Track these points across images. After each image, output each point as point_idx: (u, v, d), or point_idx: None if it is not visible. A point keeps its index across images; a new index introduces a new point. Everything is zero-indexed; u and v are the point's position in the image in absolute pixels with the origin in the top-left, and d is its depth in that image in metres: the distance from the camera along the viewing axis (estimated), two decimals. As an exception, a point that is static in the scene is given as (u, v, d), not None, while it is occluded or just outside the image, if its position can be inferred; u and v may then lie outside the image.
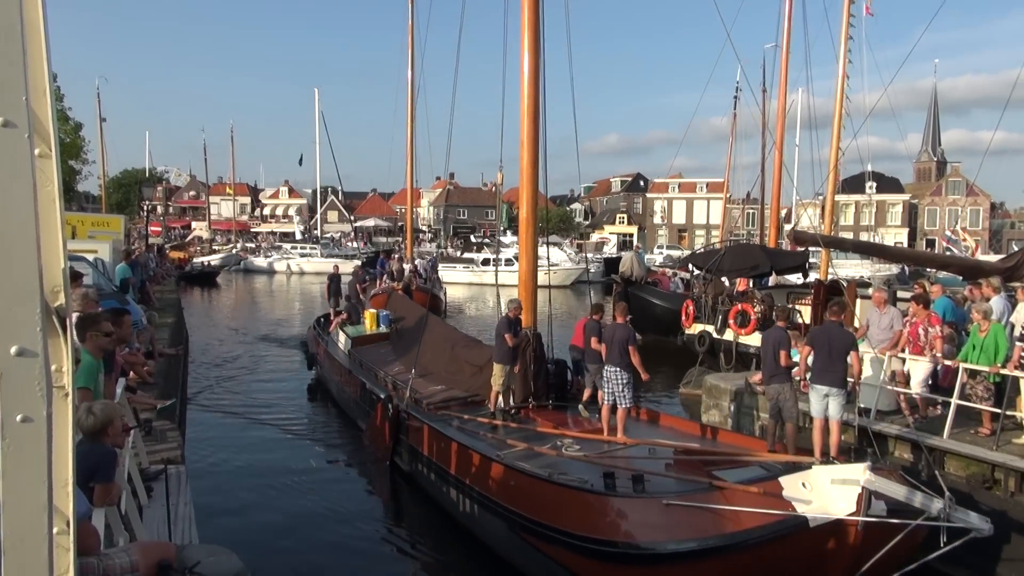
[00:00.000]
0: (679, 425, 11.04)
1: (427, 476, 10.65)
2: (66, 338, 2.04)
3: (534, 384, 11.69)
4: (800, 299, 19.36)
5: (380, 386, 13.40)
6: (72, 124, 42.10)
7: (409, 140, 24.24)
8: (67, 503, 2.05)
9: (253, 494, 11.25)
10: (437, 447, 10.29)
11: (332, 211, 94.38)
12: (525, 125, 11.33)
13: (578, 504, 7.56)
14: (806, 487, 6.94)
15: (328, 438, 14.50)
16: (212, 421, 15.17)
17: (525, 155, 11.36)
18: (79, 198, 63.87)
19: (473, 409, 11.60)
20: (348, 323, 18.54)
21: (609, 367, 9.94)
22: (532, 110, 11.28)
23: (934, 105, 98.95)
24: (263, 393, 17.80)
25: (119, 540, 4.46)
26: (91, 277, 14.08)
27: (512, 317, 11.41)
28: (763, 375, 9.50)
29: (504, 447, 9.47)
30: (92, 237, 23.39)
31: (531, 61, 11.22)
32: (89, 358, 5.65)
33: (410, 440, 11.23)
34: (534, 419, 11.11)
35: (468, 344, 14.56)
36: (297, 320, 32.09)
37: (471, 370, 12.96)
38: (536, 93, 11.26)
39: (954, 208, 76.08)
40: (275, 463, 12.60)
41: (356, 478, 12.72)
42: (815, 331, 9.45)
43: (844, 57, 23.12)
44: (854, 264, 41.14)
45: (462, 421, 10.90)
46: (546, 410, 11.60)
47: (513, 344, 11.08)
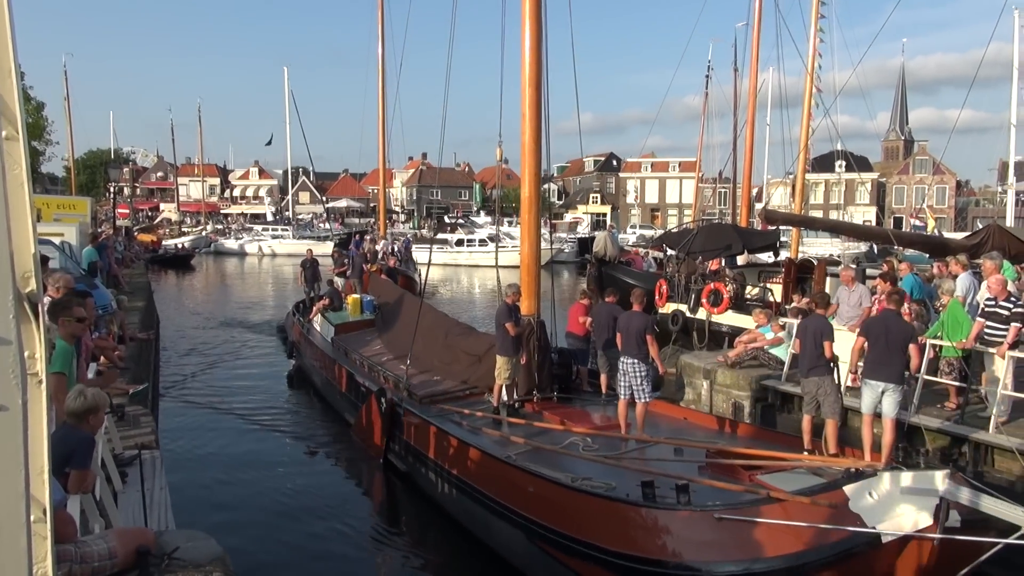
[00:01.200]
0: (694, 418, 10.33)
1: (427, 477, 9.91)
2: (39, 324, 2.01)
3: (538, 376, 10.89)
4: (771, 278, 19.60)
5: (371, 378, 12.67)
6: (35, 104, 41.17)
7: (381, 119, 24.02)
8: (43, 491, 2.03)
9: (232, 483, 10.88)
10: (439, 446, 9.53)
11: (304, 192, 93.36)
12: (526, 98, 10.58)
13: (614, 516, 6.81)
14: (874, 497, 6.27)
15: (311, 431, 13.79)
16: (186, 407, 14.89)
17: (527, 130, 10.62)
18: (43, 180, 62.55)
19: (472, 403, 10.92)
20: (330, 308, 17.81)
21: (626, 359, 9.23)
22: (534, 81, 10.55)
23: (902, 84, 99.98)
24: (240, 381, 17.27)
25: (94, 527, 4.42)
26: (58, 261, 13.85)
27: (511, 304, 10.55)
28: (801, 366, 8.72)
29: (513, 446, 8.80)
30: (58, 220, 23.00)
31: (532, 31, 10.49)
32: (63, 343, 5.58)
33: (407, 437, 10.48)
34: (540, 414, 10.39)
35: (462, 332, 13.81)
36: (271, 303, 31.83)
37: (467, 360, 12.24)
38: (538, 64, 10.55)
39: (921, 186, 77.21)
40: (255, 454, 12.18)
41: (344, 474, 12.04)
42: (870, 321, 8.67)
43: (815, 36, 23.29)
44: (824, 243, 41.65)
45: (463, 417, 10.20)
46: (551, 403, 10.85)
47: (516, 334, 10.32)
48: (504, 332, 10.30)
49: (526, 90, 10.60)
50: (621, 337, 9.38)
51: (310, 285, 20.41)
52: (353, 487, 11.65)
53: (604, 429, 9.52)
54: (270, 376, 17.96)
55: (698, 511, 6.52)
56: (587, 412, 10.60)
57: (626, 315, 9.61)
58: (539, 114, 10.63)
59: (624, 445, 8.90)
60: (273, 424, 14.03)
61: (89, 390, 4.65)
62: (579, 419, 10.14)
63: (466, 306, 30.70)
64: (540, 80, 10.62)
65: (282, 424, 14.16)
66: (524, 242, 11.23)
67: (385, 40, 23.56)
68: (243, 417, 14.27)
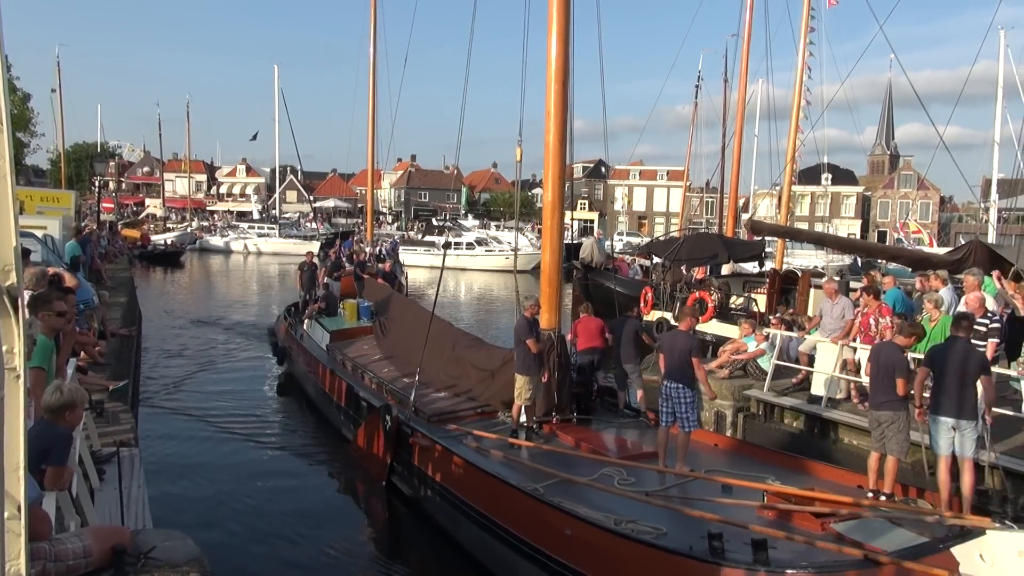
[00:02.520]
0: (725, 444, 9.44)
1: (438, 504, 9.03)
2: (18, 318, 1.99)
3: (558, 395, 10.12)
4: (756, 288, 19.72)
5: (373, 392, 11.88)
6: (20, 95, 40.76)
7: (371, 120, 23.97)
8: (18, 488, 2.01)
9: (215, 489, 10.49)
10: (452, 471, 8.66)
11: (291, 191, 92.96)
12: (551, 96, 9.92)
13: (673, 571, 5.91)
14: (985, 560, 5.59)
15: (303, 444, 12.99)
16: (167, 406, 14.65)
17: (551, 129, 9.97)
18: (27, 172, 61.94)
19: (485, 423, 10.13)
20: (324, 313, 16.91)
21: (670, 383, 8.38)
22: (560, 78, 9.91)
23: (888, 99, 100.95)
24: (225, 384, 16.63)
25: (70, 524, 4.37)
26: (40, 254, 13.71)
27: (531, 318, 9.81)
28: (872, 398, 7.87)
29: (537, 475, 7.95)
30: (41, 213, 22.73)
31: (560, 25, 9.86)
32: (43, 338, 5.51)
33: (414, 459, 9.61)
34: (561, 437, 9.60)
35: (471, 344, 12.85)
36: (259, 304, 31.60)
37: (478, 375, 11.35)
38: (565, 60, 9.92)
39: (905, 201, 77.91)
40: (240, 461, 11.73)
41: (341, 494, 11.23)
42: (936, 349, 7.87)
43: (804, 49, 23.48)
44: (808, 254, 41.93)
45: (477, 439, 9.32)
46: (571, 425, 10.09)
47: (538, 350, 9.57)
48: (524, 349, 9.55)
49: (551, 87, 9.95)
50: (664, 358, 8.56)
51: (307, 289, 19.60)
52: (351, 509, 10.87)
53: (638, 458, 8.64)
54: (257, 381, 17.36)
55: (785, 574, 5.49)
56: (611, 436, 9.79)
57: (670, 335, 8.89)
58: (564, 112, 9.99)
59: (663, 479, 8.06)
60: (260, 433, 13.42)
61: (67, 385, 4.60)
62: (605, 444, 9.34)
63: (452, 310, 30.67)
64: (567, 77, 9.99)
65: (270, 434, 13.53)
66: (546, 250, 10.52)
67: (377, 41, 23.53)
68: (228, 421, 13.72)
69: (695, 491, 7.56)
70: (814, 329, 12.10)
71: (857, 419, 10.19)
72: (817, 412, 10.78)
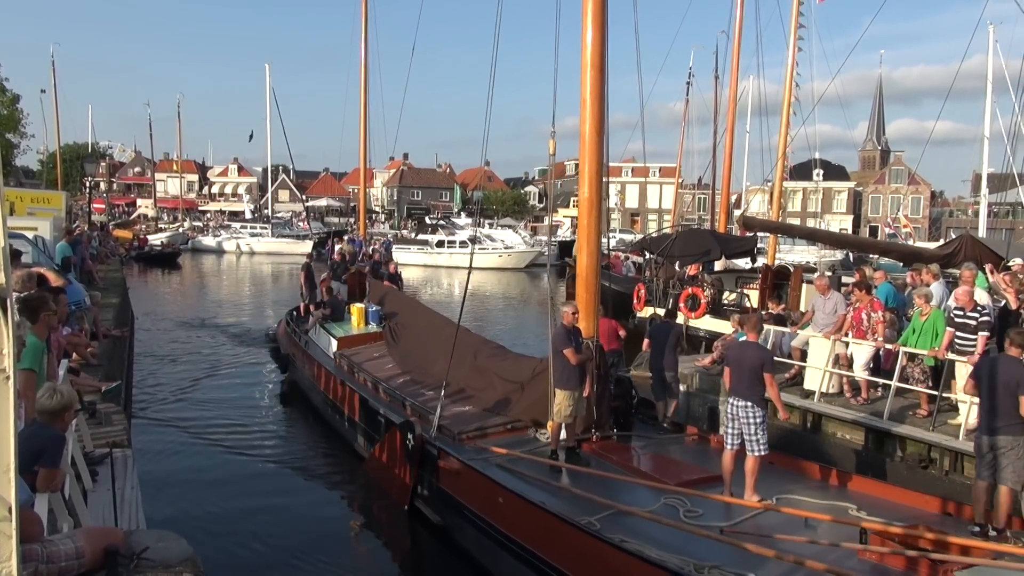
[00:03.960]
0: (783, 462, 8.44)
1: (471, 535, 8.18)
2: (7, 320, 1.98)
3: (596, 410, 9.24)
4: (748, 284, 19.78)
5: (391, 406, 10.93)
6: (9, 95, 40.54)
7: (362, 119, 23.88)
8: (9, 489, 2.00)
9: (212, 495, 10.10)
10: (488, 499, 7.77)
11: (283, 190, 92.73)
12: (587, 84, 9.07)
13: None
14: None
15: (311, 458, 12.17)
16: (161, 407, 14.50)
17: (587, 119, 9.12)
18: (17, 173, 61.61)
19: (516, 441, 9.25)
20: (330, 318, 16.00)
21: (737, 401, 7.58)
22: (597, 63, 9.03)
23: (879, 94, 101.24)
24: (224, 391, 16.01)
25: (63, 526, 4.36)
26: (31, 255, 13.65)
27: (571, 326, 8.89)
28: (984, 421, 6.93)
29: (587, 506, 7.03)
30: (32, 214, 22.64)
31: (596, 5, 9.02)
32: (35, 339, 5.49)
33: (442, 484, 8.69)
34: (604, 458, 8.72)
35: (494, 352, 11.99)
36: (250, 304, 31.42)
37: (505, 387, 10.45)
38: (601, 44, 9.02)
39: (896, 196, 78.21)
40: (242, 473, 11.18)
41: (356, 517, 10.32)
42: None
43: (794, 45, 23.52)
44: (800, 250, 42.08)
45: (512, 460, 8.42)
46: (611, 442, 9.26)
47: (578, 362, 8.67)
48: (563, 361, 8.61)
49: (587, 74, 9.07)
50: (730, 373, 7.76)
51: (311, 292, 18.66)
52: (368, 534, 9.96)
53: (698, 483, 7.72)
54: (255, 387, 16.76)
55: None
56: (661, 456, 8.95)
57: (738, 346, 8.02)
58: (601, 102, 9.09)
59: (731, 510, 7.17)
60: (261, 443, 12.75)
61: (63, 387, 4.60)
62: (656, 466, 8.46)
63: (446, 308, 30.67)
64: (603, 63, 9.04)
65: (273, 445, 12.77)
66: (582, 251, 9.61)
67: (368, 40, 23.44)
68: (225, 430, 13.17)
69: (772, 525, 6.65)
70: (806, 324, 12.14)
71: (849, 414, 10.25)
72: (809, 407, 10.83)
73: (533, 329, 25.63)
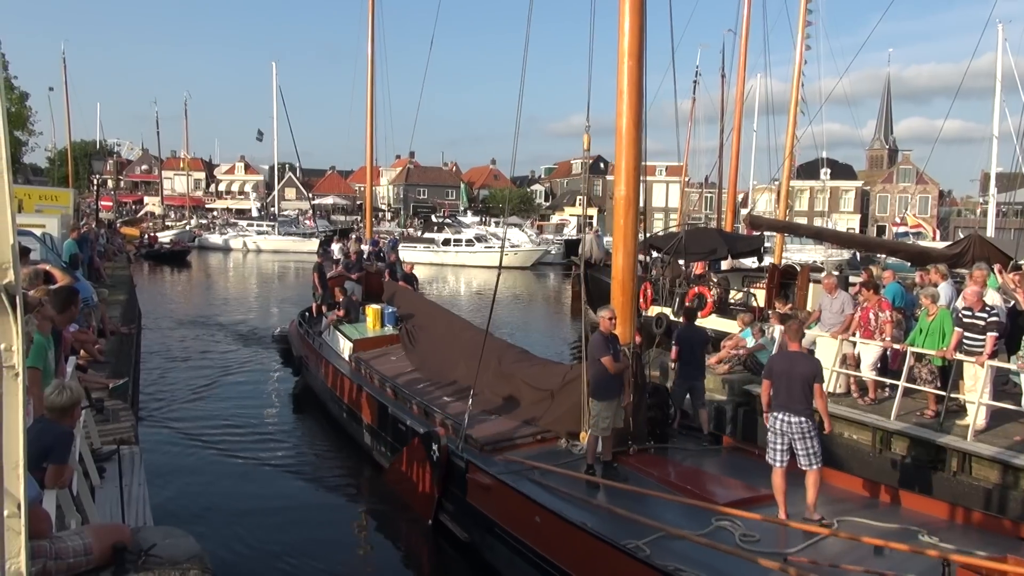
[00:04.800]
0: (835, 479, 7.92)
1: (507, 556, 7.65)
2: (16, 317, 1.98)
3: (633, 421, 8.76)
4: (754, 283, 19.72)
5: (414, 415, 10.41)
6: (18, 93, 40.70)
7: (369, 117, 23.90)
8: (18, 486, 2.00)
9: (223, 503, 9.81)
10: (523, 518, 7.30)
11: (290, 188, 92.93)
12: (624, 73, 8.52)
13: None
14: None
15: (327, 466, 11.74)
16: (168, 405, 14.52)
17: (624, 112, 8.56)
18: (25, 171, 61.90)
19: (546, 452, 8.76)
20: (345, 320, 15.46)
21: (787, 416, 7.00)
22: (635, 52, 8.47)
23: (887, 93, 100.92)
24: (236, 394, 15.69)
25: (71, 522, 4.37)
26: (39, 252, 13.70)
27: (608, 333, 8.36)
28: None
29: (635, 528, 6.49)
30: (40, 211, 22.75)
31: None
32: (39, 336, 5.50)
33: (471, 499, 8.26)
34: (643, 473, 8.15)
35: (519, 358, 11.33)
36: (257, 303, 31.50)
37: (532, 395, 9.96)
38: (640, 30, 8.48)
39: (904, 195, 77.94)
40: (253, 481, 10.83)
41: (376, 531, 9.90)
42: None
43: (802, 43, 23.44)
44: (807, 249, 41.97)
45: (544, 474, 7.93)
46: (648, 455, 8.73)
47: (616, 371, 8.19)
48: (601, 369, 8.14)
49: (624, 62, 8.51)
50: (775, 386, 7.18)
51: (325, 293, 18.07)
52: (387, 546, 9.55)
53: (749, 503, 7.21)
54: (267, 389, 16.53)
55: None
56: (704, 472, 8.45)
57: (786, 356, 7.37)
58: (640, 93, 8.52)
59: (789, 535, 6.59)
60: (272, 446, 12.44)
61: (71, 384, 4.62)
62: (702, 483, 7.94)
63: (453, 307, 30.71)
64: (641, 51, 8.47)
65: (285, 448, 12.42)
66: (618, 252, 9.04)
67: (375, 37, 23.46)
68: (236, 429, 12.97)
69: (838, 553, 6.17)
70: (813, 324, 12.10)
71: (856, 414, 10.21)
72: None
73: (540, 328, 25.66)
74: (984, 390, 9.02)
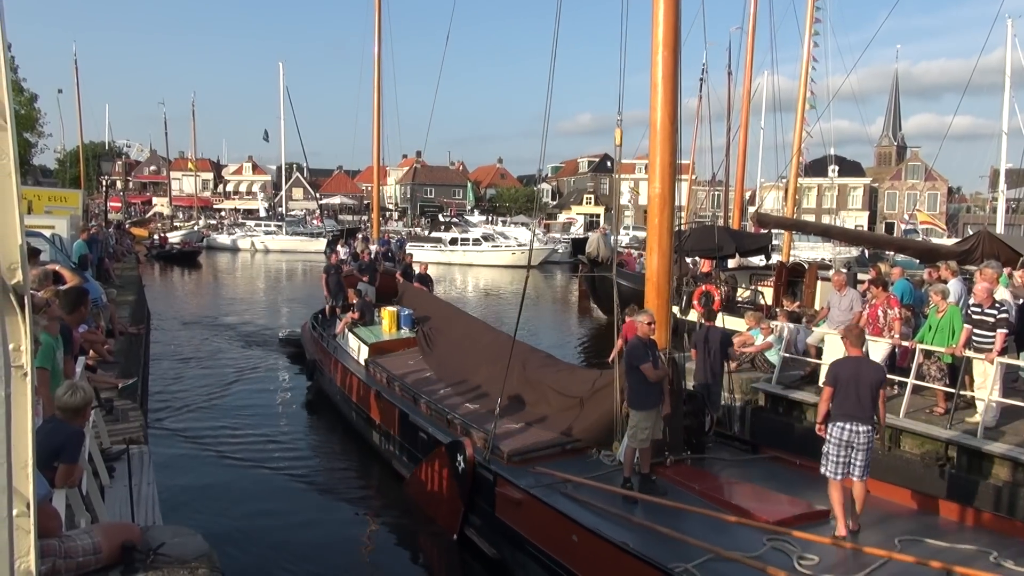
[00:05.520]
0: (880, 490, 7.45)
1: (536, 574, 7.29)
2: (24, 316, 1.99)
3: (670, 430, 8.30)
4: (762, 281, 19.67)
5: (436, 423, 9.95)
6: (27, 95, 40.93)
7: (376, 117, 23.96)
8: (27, 485, 2.01)
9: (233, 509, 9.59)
10: (557, 536, 6.89)
11: (297, 188, 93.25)
12: (660, 67, 8.16)
13: None
14: None
15: (339, 473, 11.45)
16: (177, 405, 14.51)
17: (658, 105, 8.18)
18: (35, 172, 62.27)
19: (576, 462, 8.31)
20: (360, 323, 15.05)
21: (854, 425, 6.51)
22: (670, 43, 8.09)
23: (895, 90, 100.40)
24: (246, 397, 15.44)
25: (80, 521, 4.39)
26: (48, 253, 13.77)
27: (646, 339, 7.89)
28: None
29: (682, 549, 6.06)
30: (49, 212, 22.87)
31: None
32: (47, 337, 5.53)
33: (498, 512, 7.89)
34: (682, 486, 7.66)
35: (546, 363, 10.94)
36: (265, 303, 31.47)
37: (560, 402, 9.57)
38: (675, 23, 8.17)
39: (913, 192, 77.55)
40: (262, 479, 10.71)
41: (396, 546, 9.40)
42: None
43: (809, 40, 23.35)
44: (815, 246, 41.81)
45: (578, 488, 7.47)
46: (686, 467, 8.23)
47: (656, 379, 7.76)
48: (640, 378, 7.68)
49: (659, 52, 8.13)
50: (842, 393, 6.65)
51: (334, 295, 17.89)
52: (412, 564, 9.06)
53: (801, 521, 6.70)
54: (278, 392, 16.27)
55: None
56: (747, 484, 7.86)
57: (851, 362, 6.77)
58: (675, 84, 8.20)
59: (848, 556, 6.16)
60: (284, 450, 12.14)
61: (83, 384, 4.65)
62: (748, 498, 7.38)
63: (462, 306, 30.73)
64: (677, 41, 8.14)
65: (297, 454, 12.12)
66: (652, 253, 8.65)
67: (382, 37, 23.52)
68: (246, 434, 12.81)
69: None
70: (822, 321, 12.06)
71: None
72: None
73: (548, 327, 25.63)
74: (994, 387, 8.98)
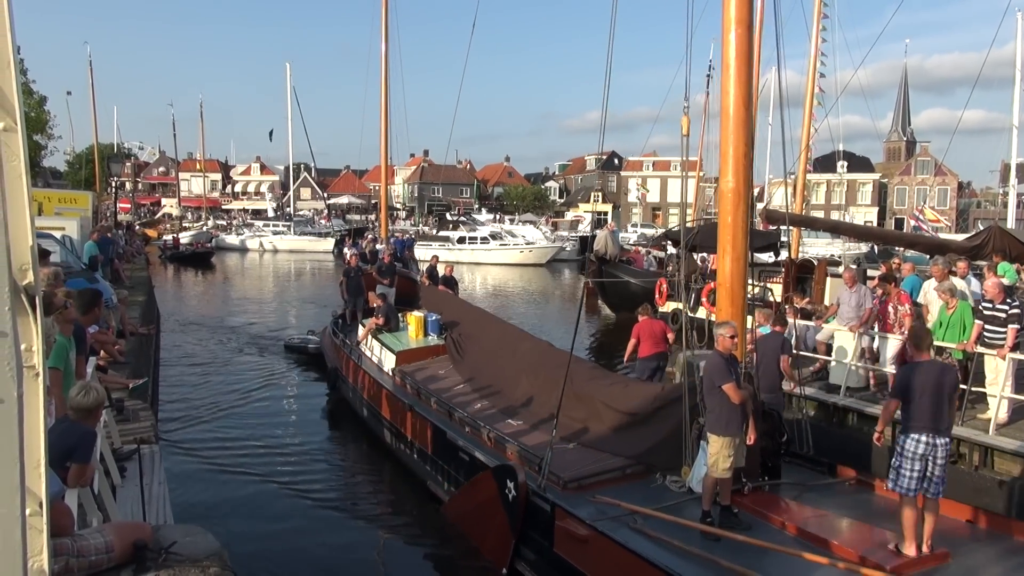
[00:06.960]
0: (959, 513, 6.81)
1: None
2: (35, 317, 2.01)
3: (748, 454, 7.29)
4: (771, 277, 19.59)
5: (476, 441, 9.14)
6: (37, 98, 41.12)
7: (383, 116, 23.98)
8: (39, 484, 2.02)
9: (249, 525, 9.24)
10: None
11: (305, 188, 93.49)
12: (733, 46, 7.54)
13: None
14: None
15: (365, 490, 10.86)
16: (187, 404, 14.61)
17: (732, 89, 7.54)
18: (45, 174, 62.60)
19: (640, 490, 7.49)
20: (384, 329, 14.20)
21: (932, 437, 5.91)
22: (744, 21, 7.52)
23: (904, 84, 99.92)
24: (261, 403, 15.01)
25: (92, 520, 4.42)
26: (59, 255, 13.86)
27: (727, 354, 7.02)
28: None
29: None
30: (59, 214, 23.01)
31: None
32: (60, 337, 5.57)
33: (558, 549, 7.00)
34: (764, 518, 6.81)
35: (596, 376, 9.83)
36: (274, 305, 31.46)
37: (614, 418, 8.63)
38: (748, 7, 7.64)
39: (923, 187, 77.15)
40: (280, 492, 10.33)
41: (425, 563, 8.86)
42: None
43: (817, 35, 23.24)
44: (824, 243, 41.64)
45: (650, 522, 6.63)
46: (764, 494, 7.34)
47: (741, 400, 6.81)
48: (722, 399, 6.79)
49: (731, 30, 7.51)
50: (918, 402, 5.96)
51: (353, 298, 17.33)
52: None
53: (919, 565, 5.85)
54: (296, 400, 15.79)
55: None
56: (836, 516, 6.85)
57: (926, 368, 6.07)
58: (749, 67, 7.57)
59: None
60: (305, 462, 11.65)
61: (95, 385, 4.69)
62: (840, 533, 6.44)
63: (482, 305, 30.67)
64: (750, 19, 7.59)
65: (319, 468, 11.54)
66: (725, 255, 7.87)
67: (389, 37, 23.52)
68: (261, 439, 12.45)
69: None
70: (832, 317, 12.02)
71: (877, 409, 10.12)
72: (835, 401, 10.72)
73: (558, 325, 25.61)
74: (1006, 383, 8.93)
